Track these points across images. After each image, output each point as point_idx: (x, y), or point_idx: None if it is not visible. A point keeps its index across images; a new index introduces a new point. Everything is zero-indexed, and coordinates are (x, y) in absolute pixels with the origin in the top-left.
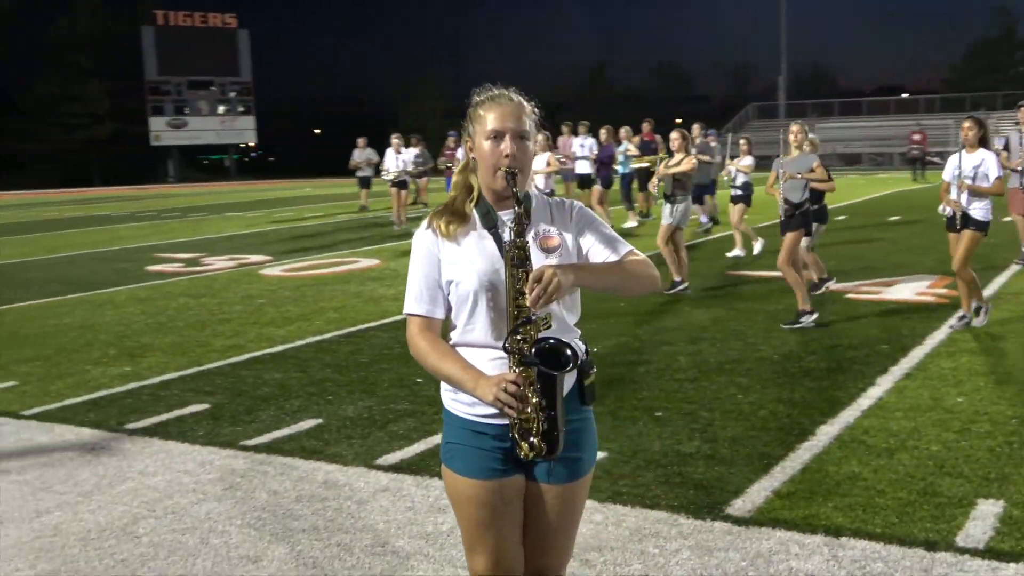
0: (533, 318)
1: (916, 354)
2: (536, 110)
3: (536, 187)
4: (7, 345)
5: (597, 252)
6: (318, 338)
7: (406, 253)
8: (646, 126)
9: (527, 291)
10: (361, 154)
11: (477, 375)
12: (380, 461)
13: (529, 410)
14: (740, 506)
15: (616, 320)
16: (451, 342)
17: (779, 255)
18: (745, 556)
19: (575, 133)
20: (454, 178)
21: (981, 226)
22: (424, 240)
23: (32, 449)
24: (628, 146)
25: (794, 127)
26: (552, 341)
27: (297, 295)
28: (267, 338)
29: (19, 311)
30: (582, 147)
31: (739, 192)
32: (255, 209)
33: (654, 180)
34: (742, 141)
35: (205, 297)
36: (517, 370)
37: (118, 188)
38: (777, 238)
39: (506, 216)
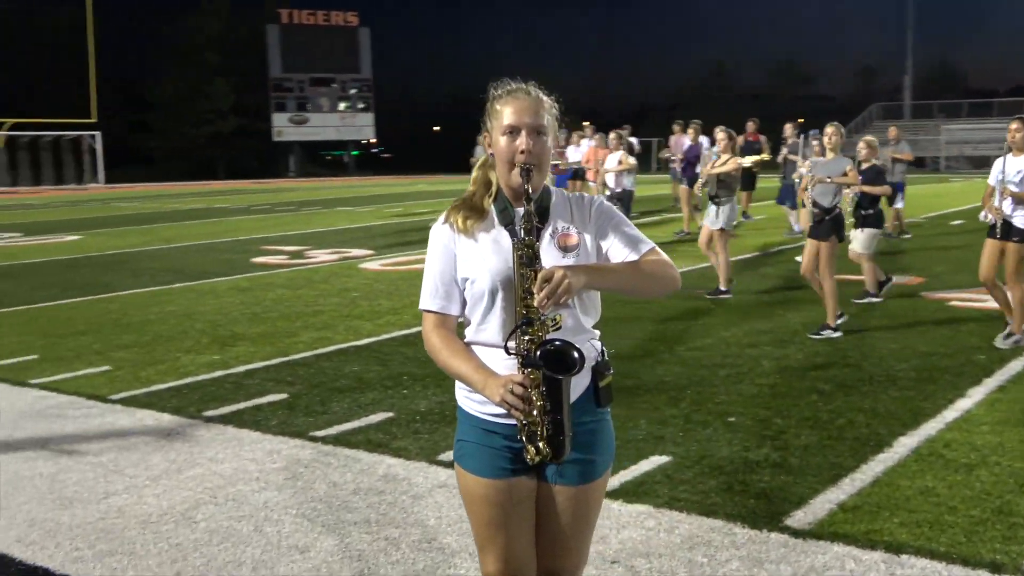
0: (542, 318)
1: (1015, 366)
2: (556, 105)
3: (606, 184)
4: (110, 331)
5: (617, 251)
6: (404, 332)
7: None
8: (751, 125)
9: (535, 291)
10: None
11: (487, 375)
12: (442, 456)
13: (535, 413)
14: (800, 518)
15: (705, 321)
16: (466, 340)
17: (802, 262)
18: (797, 570)
19: (686, 132)
20: (474, 173)
21: None
22: (441, 235)
23: (112, 432)
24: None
25: (829, 129)
26: (558, 343)
27: (391, 289)
28: (355, 331)
29: (127, 298)
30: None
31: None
32: (367, 204)
33: (699, 182)
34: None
35: (303, 289)
36: (526, 371)
37: (240, 182)
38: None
39: (523, 213)
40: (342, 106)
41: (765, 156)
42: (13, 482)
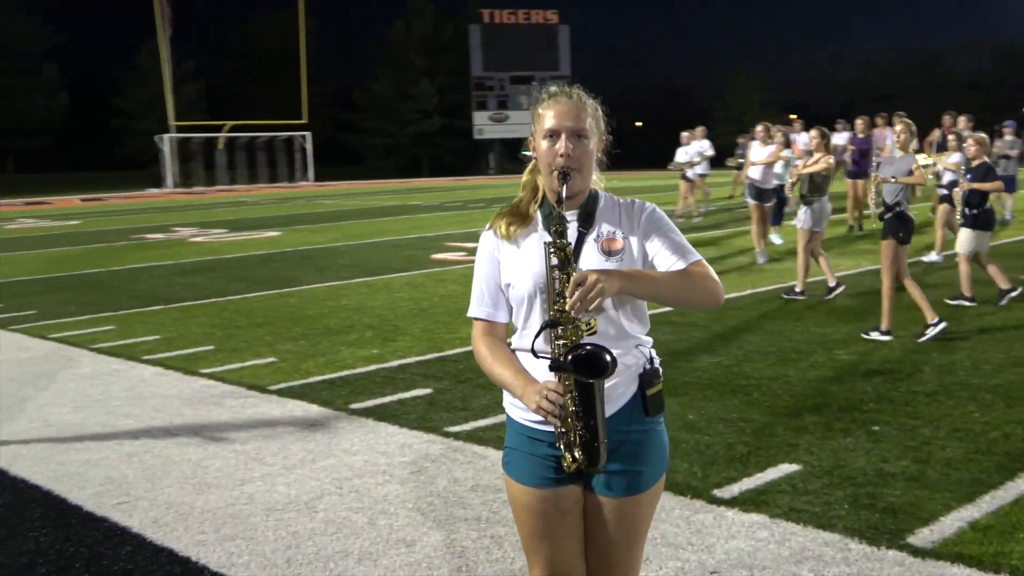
0: (576, 322)
1: None
2: (600, 108)
3: (750, 178)
4: (284, 324)
5: (663, 259)
6: None
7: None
8: (947, 119)
9: (568, 295)
10: (687, 151)
11: (526, 381)
12: None
13: (569, 420)
14: (925, 536)
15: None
16: (511, 347)
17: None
18: None
19: (890, 124)
20: (523, 178)
21: None
22: (486, 242)
23: (261, 422)
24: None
25: (898, 126)
26: (589, 347)
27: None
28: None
29: (306, 293)
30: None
31: (946, 191)
32: None
33: (789, 181)
34: (951, 136)
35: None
36: (560, 376)
37: (442, 179)
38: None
39: (569, 217)
40: None
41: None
42: (163, 466)
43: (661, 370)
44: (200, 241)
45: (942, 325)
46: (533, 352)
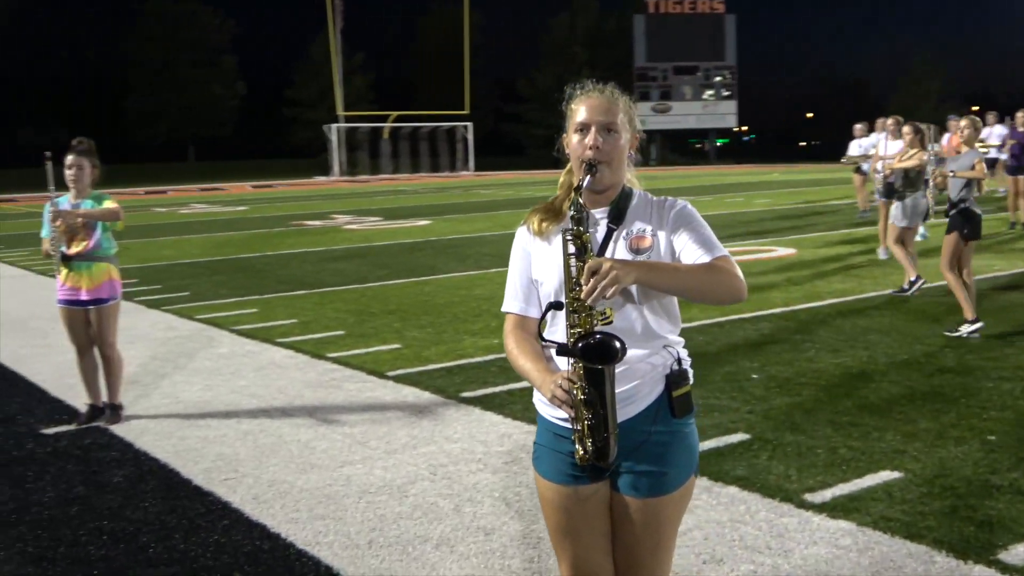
0: (591, 311)
1: None
2: (633, 105)
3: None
4: (414, 312)
5: (688, 253)
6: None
7: (831, 243)
8: None
9: (583, 283)
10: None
11: (545, 371)
12: None
13: (581, 409)
14: (1018, 553)
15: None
16: (542, 342)
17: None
18: None
19: None
20: (561, 177)
21: None
22: (520, 238)
23: (373, 406)
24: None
25: (963, 122)
26: (599, 335)
27: None
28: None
29: (443, 281)
30: None
31: None
32: (709, 194)
33: (872, 175)
34: None
35: None
36: (576, 366)
37: None
38: None
39: (599, 214)
40: (705, 94)
41: None
42: (274, 445)
43: (691, 371)
44: (354, 228)
45: (979, 324)
46: (540, 337)
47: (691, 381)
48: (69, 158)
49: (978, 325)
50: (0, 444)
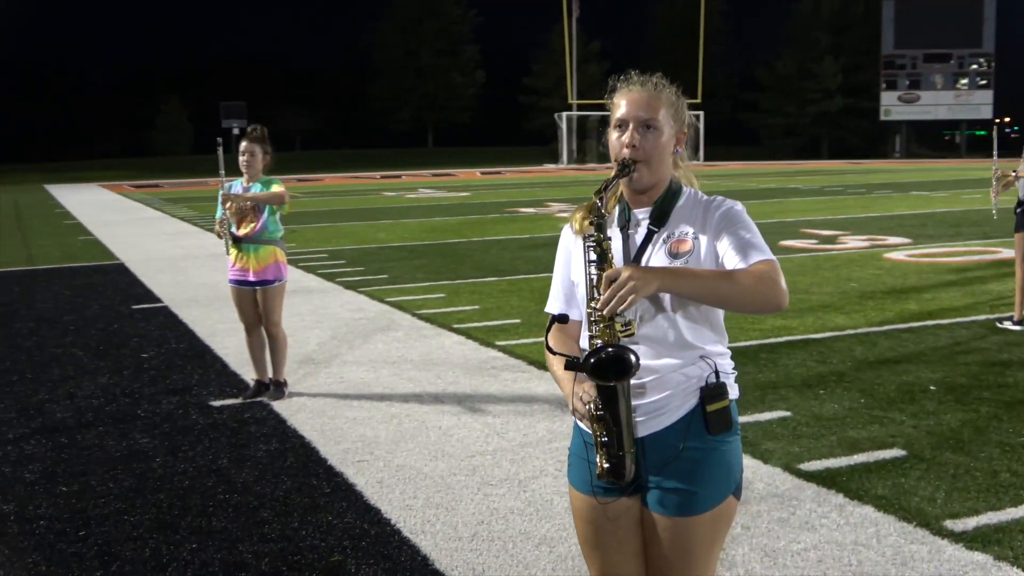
0: (613, 321)
1: None
2: (679, 95)
3: None
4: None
5: (730, 258)
6: (871, 329)
7: None
8: None
9: (601, 292)
10: None
11: (572, 380)
12: (802, 466)
13: (596, 424)
14: None
15: None
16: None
17: None
18: None
19: None
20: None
21: None
22: (564, 237)
23: (522, 398)
24: None
25: None
26: (612, 349)
27: (897, 282)
28: (824, 323)
29: None
30: None
31: None
32: (945, 189)
33: (1002, 182)
34: None
35: (807, 275)
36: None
37: (840, 162)
38: None
39: (641, 214)
40: (958, 83)
41: None
42: (414, 430)
43: (730, 384)
44: (564, 216)
45: (1019, 327)
46: (548, 348)
47: (731, 396)
48: (242, 144)
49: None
50: (171, 413)
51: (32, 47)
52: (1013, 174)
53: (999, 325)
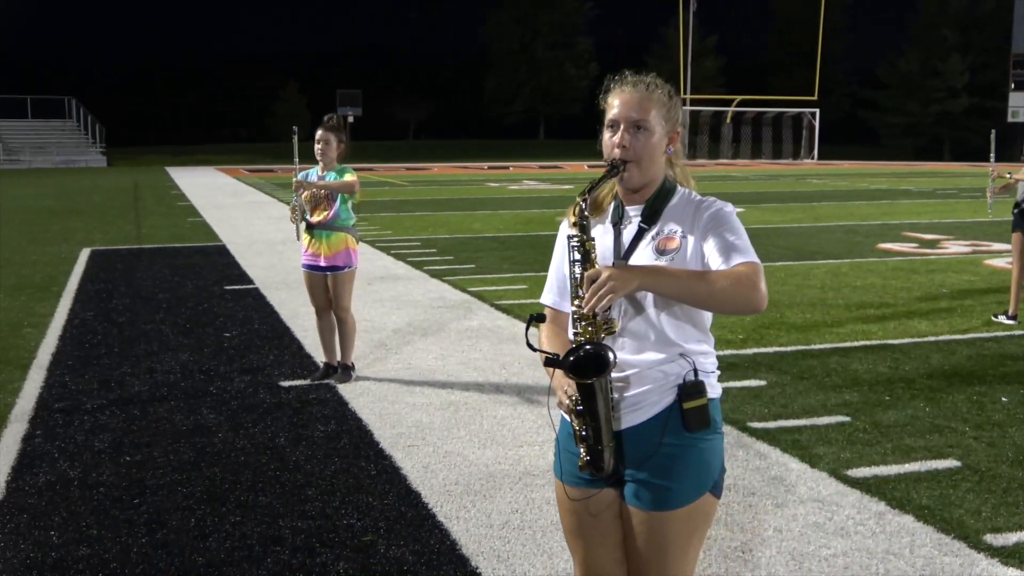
0: (597, 320)
1: None
2: (672, 95)
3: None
4: None
5: (714, 258)
6: (952, 337)
7: None
8: None
9: (583, 291)
10: None
11: (561, 378)
12: (849, 472)
13: (578, 419)
14: None
15: None
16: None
17: None
18: None
19: None
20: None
21: None
22: (561, 230)
23: None
24: None
25: None
26: (589, 347)
27: (990, 290)
28: (905, 328)
29: None
30: None
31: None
32: None
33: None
34: None
35: (898, 280)
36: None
37: (962, 164)
38: None
39: (633, 211)
40: None
41: None
42: (469, 418)
43: (710, 384)
44: None
45: (1011, 321)
46: (528, 344)
47: (711, 395)
48: (318, 133)
49: (1011, 321)
50: (241, 391)
51: (163, 40)
52: (1009, 175)
53: (994, 319)
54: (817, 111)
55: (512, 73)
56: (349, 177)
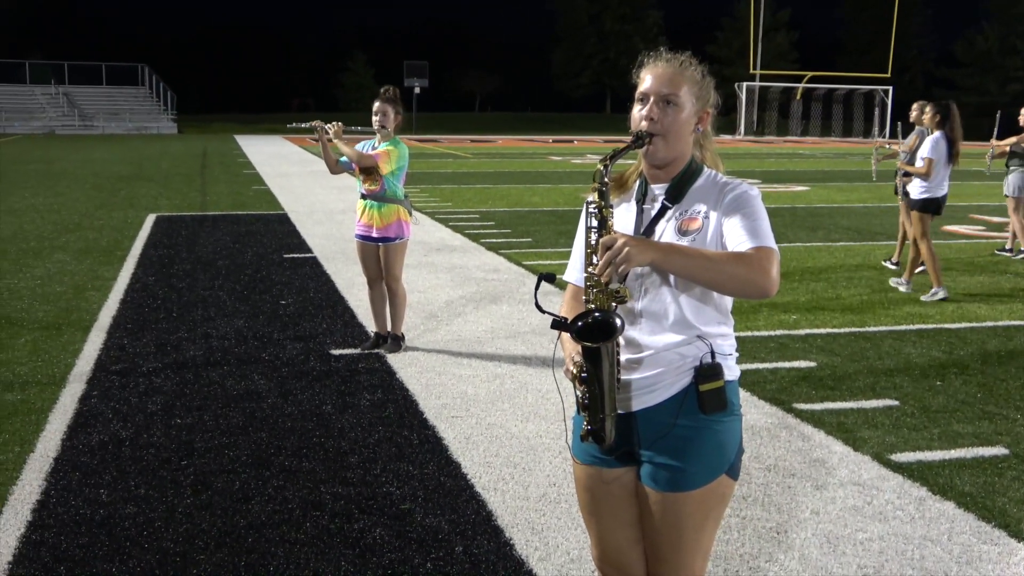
0: (608, 288)
1: None
2: (705, 75)
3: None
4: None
5: (731, 240)
6: (1011, 323)
7: None
8: None
9: (599, 258)
10: None
11: (571, 345)
12: (893, 457)
13: (582, 386)
14: None
15: None
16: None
17: None
18: None
19: None
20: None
21: None
22: (585, 207)
23: None
24: None
25: None
26: (598, 314)
27: None
28: (963, 313)
29: (783, 251)
30: None
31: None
32: None
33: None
34: None
35: (960, 263)
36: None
37: None
38: None
39: (658, 189)
40: None
41: None
42: (514, 391)
43: (728, 366)
44: None
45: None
46: (537, 306)
47: (728, 377)
48: (375, 104)
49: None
50: (292, 358)
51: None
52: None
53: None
54: (891, 89)
55: (580, 46)
56: (385, 149)
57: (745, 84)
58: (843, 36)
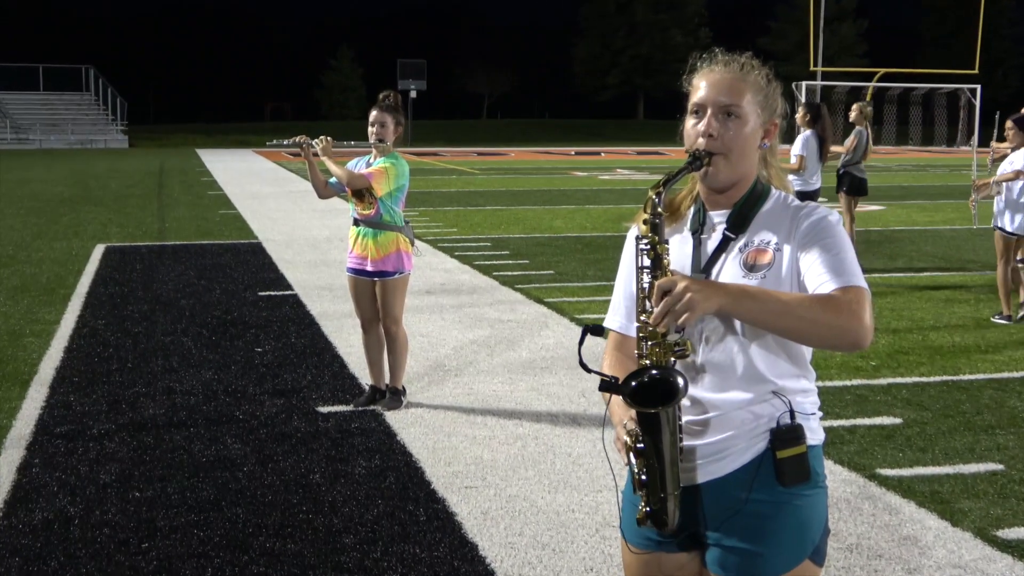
0: (666, 340)
1: None
2: (771, 80)
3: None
4: None
5: (812, 277)
6: None
7: None
8: None
9: (654, 304)
10: None
11: (622, 409)
12: (998, 533)
13: (636, 459)
14: None
15: None
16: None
17: None
18: None
19: None
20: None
21: None
22: (629, 242)
23: None
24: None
25: None
26: (655, 371)
27: None
28: None
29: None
30: None
31: None
32: None
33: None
34: None
35: None
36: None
37: None
38: None
39: (717, 217)
40: None
41: None
42: (539, 455)
43: (810, 428)
44: None
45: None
46: (582, 365)
47: (811, 441)
48: (373, 114)
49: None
50: (272, 417)
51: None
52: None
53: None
54: (978, 88)
55: (607, 41)
56: (379, 167)
57: (804, 83)
58: (921, 26)
